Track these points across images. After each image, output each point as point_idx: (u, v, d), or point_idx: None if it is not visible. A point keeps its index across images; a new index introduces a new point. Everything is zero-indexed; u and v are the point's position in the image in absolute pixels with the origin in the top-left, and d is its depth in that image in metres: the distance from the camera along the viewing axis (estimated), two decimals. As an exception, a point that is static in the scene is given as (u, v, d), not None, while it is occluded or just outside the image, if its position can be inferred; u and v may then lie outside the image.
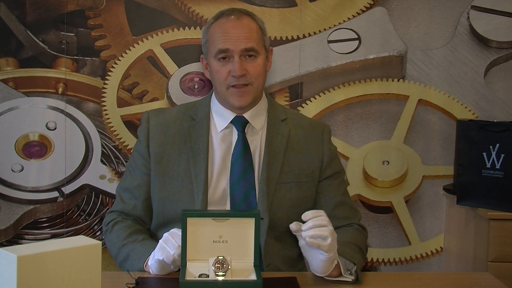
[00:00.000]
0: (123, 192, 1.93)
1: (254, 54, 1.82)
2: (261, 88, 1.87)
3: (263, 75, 1.86)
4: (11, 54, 2.77)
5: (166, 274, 1.66)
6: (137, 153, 1.93)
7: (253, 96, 1.84)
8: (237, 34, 1.81)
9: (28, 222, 2.79)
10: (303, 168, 1.89)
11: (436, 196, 2.87)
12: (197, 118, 1.91)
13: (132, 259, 1.76)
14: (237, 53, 1.80)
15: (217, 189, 1.85)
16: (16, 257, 1.24)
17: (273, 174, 1.85)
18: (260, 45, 1.84)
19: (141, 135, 1.93)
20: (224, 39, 1.81)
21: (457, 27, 2.83)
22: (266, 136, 1.89)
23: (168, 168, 1.87)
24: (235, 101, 1.83)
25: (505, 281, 1.78)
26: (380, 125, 2.85)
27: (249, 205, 1.83)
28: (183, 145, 1.88)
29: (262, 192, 1.83)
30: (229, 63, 1.82)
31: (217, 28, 1.84)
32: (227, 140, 1.88)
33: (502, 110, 2.84)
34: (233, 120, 1.88)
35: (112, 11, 2.78)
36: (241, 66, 1.80)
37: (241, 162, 1.85)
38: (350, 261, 1.67)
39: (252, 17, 1.87)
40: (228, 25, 1.83)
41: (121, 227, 1.86)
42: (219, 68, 1.83)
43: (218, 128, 1.88)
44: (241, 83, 1.81)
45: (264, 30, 1.88)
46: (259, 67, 1.83)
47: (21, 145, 2.78)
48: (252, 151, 1.87)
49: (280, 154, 1.87)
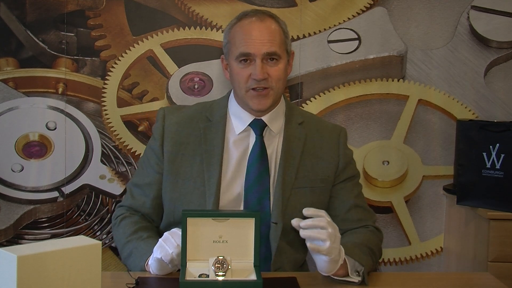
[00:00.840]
0: (134, 187, 1.93)
1: (276, 58, 1.81)
2: (281, 92, 1.86)
3: (283, 80, 1.84)
4: (11, 54, 2.77)
5: (166, 274, 1.66)
6: (151, 151, 1.92)
7: (272, 100, 1.83)
8: (259, 37, 1.79)
9: (28, 222, 2.79)
10: (318, 173, 1.88)
11: (436, 196, 2.87)
12: (213, 119, 1.89)
13: (135, 256, 1.75)
14: (259, 57, 1.78)
15: (230, 192, 1.84)
16: (16, 257, 1.24)
17: (289, 179, 1.84)
18: (282, 48, 1.82)
19: (156, 132, 1.91)
20: (246, 42, 1.79)
21: (457, 27, 2.83)
22: (283, 140, 1.88)
23: (181, 169, 1.86)
24: (254, 104, 1.82)
25: (505, 281, 1.79)
26: (380, 125, 2.85)
27: (263, 210, 1.82)
28: (198, 146, 1.86)
29: (277, 196, 1.82)
30: (250, 66, 1.80)
31: (240, 29, 1.82)
32: (244, 143, 1.87)
33: (502, 110, 2.84)
34: (251, 123, 1.87)
35: (112, 11, 2.78)
36: (262, 70, 1.78)
37: (257, 166, 1.84)
38: (358, 262, 1.66)
39: (276, 20, 1.85)
40: (250, 27, 1.81)
41: (128, 222, 1.86)
42: (240, 71, 1.81)
43: (236, 131, 1.87)
44: (262, 86, 1.80)
45: (287, 33, 1.86)
46: (280, 71, 1.82)
47: (21, 145, 2.78)
48: (268, 155, 1.86)
49: (296, 159, 1.86)
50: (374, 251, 1.79)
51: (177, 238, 1.61)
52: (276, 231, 1.81)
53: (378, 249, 1.84)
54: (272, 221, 1.81)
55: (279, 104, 1.90)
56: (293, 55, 1.92)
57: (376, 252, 1.81)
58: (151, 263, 1.66)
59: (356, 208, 1.90)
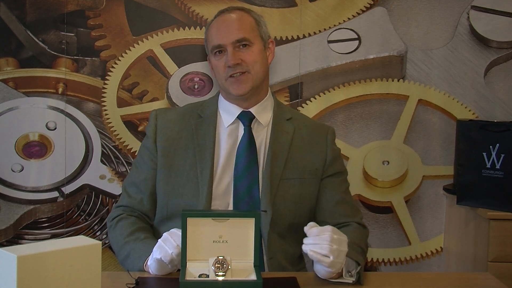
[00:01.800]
0: (129, 186, 1.94)
1: (248, 43, 1.85)
2: (260, 76, 1.88)
3: (260, 62, 1.87)
4: (11, 54, 2.77)
5: (165, 275, 1.66)
6: (144, 148, 1.95)
7: (251, 84, 1.86)
8: (227, 27, 1.85)
9: (28, 222, 2.79)
10: (306, 165, 1.90)
11: (436, 196, 2.87)
12: (204, 115, 1.93)
13: (133, 257, 1.76)
14: (230, 46, 1.83)
15: (221, 183, 1.86)
16: (16, 257, 1.24)
17: (277, 170, 1.87)
18: (253, 34, 1.86)
19: (149, 131, 1.94)
20: (217, 35, 1.86)
21: (457, 27, 2.83)
22: (271, 132, 1.91)
23: (174, 162, 1.89)
24: (234, 90, 1.85)
25: (505, 281, 1.78)
26: (380, 125, 2.85)
27: (252, 199, 1.84)
28: (190, 141, 1.89)
29: (265, 186, 1.84)
30: (224, 56, 1.85)
31: (212, 26, 1.90)
32: (233, 135, 1.90)
33: (502, 110, 2.84)
34: (240, 115, 1.90)
35: (112, 11, 2.78)
36: (234, 55, 1.83)
37: (246, 156, 1.87)
38: (355, 261, 1.67)
39: (247, 11, 1.90)
40: (220, 21, 1.88)
41: (125, 224, 1.87)
42: (216, 63, 1.88)
43: (225, 124, 1.90)
44: (238, 71, 1.84)
45: (260, 22, 1.91)
46: (253, 54, 1.85)
47: (21, 145, 2.78)
48: (257, 146, 1.88)
49: (284, 151, 1.89)
50: (363, 249, 1.81)
51: (177, 238, 1.62)
52: (266, 219, 1.82)
53: (366, 246, 1.87)
54: (261, 210, 1.83)
55: (267, 97, 1.94)
56: (273, 43, 1.95)
57: (364, 249, 1.83)
58: (151, 263, 1.66)
59: (344, 203, 1.92)
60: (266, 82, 1.94)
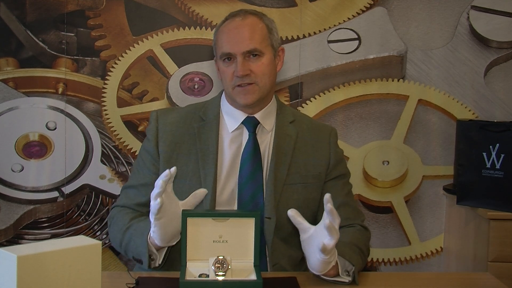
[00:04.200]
0: (129, 189, 1.93)
1: (258, 53, 1.83)
2: (268, 87, 1.87)
3: (268, 74, 1.86)
4: (11, 54, 2.77)
5: (171, 239, 1.65)
6: (145, 152, 1.92)
7: (258, 95, 1.85)
8: (239, 36, 1.82)
9: (28, 222, 2.79)
10: (309, 170, 1.90)
11: (436, 196, 2.87)
12: (207, 118, 1.91)
13: (135, 237, 1.74)
14: (239, 55, 1.81)
15: (225, 190, 1.85)
16: (16, 257, 1.24)
17: (281, 175, 1.86)
18: (264, 44, 1.84)
19: (149, 134, 1.92)
20: (227, 42, 1.83)
21: (457, 27, 2.83)
22: (274, 137, 1.90)
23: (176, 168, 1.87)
24: (240, 99, 1.84)
25: (505, 281, 1.79)
26: (380, 125, 2.85)
27: (256, 206, 1.83)
28: (192, 145, 1.88)
29: (269, 192, 1.84)
30: (233, 64, 1.83)
31: (222, 30, 1.86)
32: (237, 140, 1.88)
33: (502, 110, 2.84)
34: (244, 120, 1.88)
35: (112, 11, 2.78)
36: (243, 66, 1.81)
37: (251, 163, 1.86)
38: (349, 262, 1.66)
39: (259, 17, 1.87)
40: (231, 27, 1.84)
41: (124, 214, 1.86)
42: (225, 69, 1.85)
43: (229, 129, 1.89)
44: (246, 82, 1.82)
45: (272, 30, 1.89)
46: (263, 66, 1.84)
47: (21, 145, 2.78)
48: (261, 152, 1.87)
49: (287, 156, 1.88)
50: (363, 250, 1.79)
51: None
52: (270, 226, 1.82)
53: (367, 248, 1.85)
54: (265, 216, 1.82)
55: (271, 102, 1.93)
56: (283, 51, 1.94)
57: (365, 251, 1.82)
58: (152, 234, 1.65)
59: (346, 206, 1.91)
60: (273, 89, 1.93)
